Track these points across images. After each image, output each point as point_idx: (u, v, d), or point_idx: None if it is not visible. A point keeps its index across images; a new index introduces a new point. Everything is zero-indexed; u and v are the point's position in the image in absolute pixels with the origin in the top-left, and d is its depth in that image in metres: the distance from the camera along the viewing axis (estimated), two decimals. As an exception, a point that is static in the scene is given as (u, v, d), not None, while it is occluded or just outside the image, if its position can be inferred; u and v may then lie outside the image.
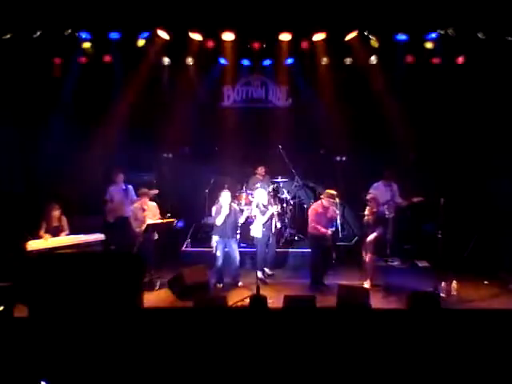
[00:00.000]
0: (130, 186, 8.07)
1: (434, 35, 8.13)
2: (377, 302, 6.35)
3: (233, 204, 7.30)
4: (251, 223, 7.59)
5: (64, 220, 7.22)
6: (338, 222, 9.57)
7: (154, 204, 7.47)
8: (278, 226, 7.68)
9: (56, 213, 7.11)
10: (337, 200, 7.04)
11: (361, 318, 4.38)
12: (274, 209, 7.52)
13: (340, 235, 7.63)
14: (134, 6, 7.40)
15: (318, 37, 8.37)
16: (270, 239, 7.53)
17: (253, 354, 3.83)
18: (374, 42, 8.20)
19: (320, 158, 9.77)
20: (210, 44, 8.63)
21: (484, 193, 8.65)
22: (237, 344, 3.91)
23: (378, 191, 8.20)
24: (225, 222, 6.99)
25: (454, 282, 6.78)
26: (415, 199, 7.93)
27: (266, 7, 7.34)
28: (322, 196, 7.20)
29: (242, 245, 7.99)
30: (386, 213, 7.86)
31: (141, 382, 3.76)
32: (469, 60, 8.56)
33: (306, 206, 9.10)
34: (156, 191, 7.90)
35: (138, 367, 3.77)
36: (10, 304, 5.53)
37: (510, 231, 7.71)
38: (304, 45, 8.63)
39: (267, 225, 7.39)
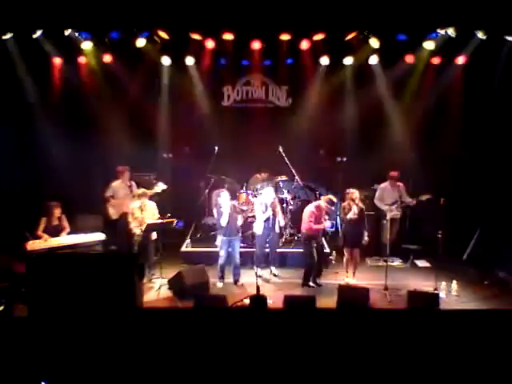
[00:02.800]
0: (133, 183, 8.09)
1: (434, 35, 8.11)
2: (377, 302, 6.37)
3: (232, 202, 7.31)
4: (253, 223, 7.63)
5: (64, 219, 7.23)
6: (338, 222, 9.63)
7: (154, 204, 7.48)
8: (281, 223, 7.64)
9: (57, 212, 7.11)
10: (333, 208, 7.17)
11: (361, 319, 4.37)
12: (270, 212, 7.41)
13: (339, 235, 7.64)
14: (133, 6, 7.40)
15: (318, 37, 8.36)
16: (271, 236, 7.52)
17: (253, 354, 3.83)
18: (374, 42, 8.18)
19: (320, 159, 9.77)
20: (210, 44, 8.63)
21: (484, 192, 8.63)
22: (237, 344, 3.91)
23: (386, 191, 8.20)
24: (229, 221, 7.03)
25: (454, 281, 6.79)
26: (423, 197, 7.93)
27: (266, 7, 7.34)
28: (322, 198, 7.24)
29: (241, 245, 8.00)
30: (387, 213, 7.85)
31: (141, 382, 3.76)
32: (469, 60, 8.55)
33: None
34: (165, 186, 7.85)
35: (137, 367, 3.77)
36: (10, 304, 5.55)
37: (510, 231, 7.70)
38: (304, 45, 8.62)
39: (268, 223, 7.39)
